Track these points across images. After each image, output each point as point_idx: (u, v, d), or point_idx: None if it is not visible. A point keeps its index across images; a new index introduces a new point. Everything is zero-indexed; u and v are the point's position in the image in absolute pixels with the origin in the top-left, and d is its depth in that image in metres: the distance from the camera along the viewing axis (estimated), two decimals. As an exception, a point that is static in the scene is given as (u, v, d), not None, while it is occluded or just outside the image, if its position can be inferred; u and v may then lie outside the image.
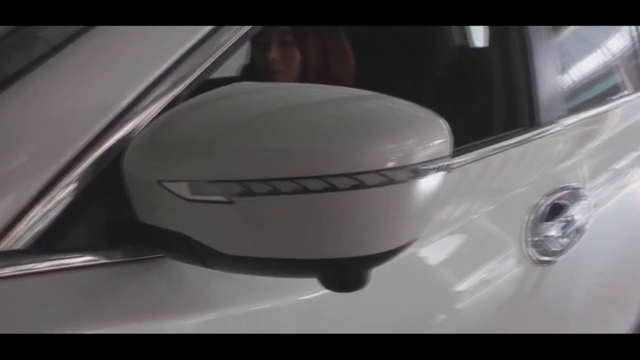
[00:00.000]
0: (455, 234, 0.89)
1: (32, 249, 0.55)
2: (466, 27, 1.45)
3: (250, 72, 1.36)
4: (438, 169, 0.49)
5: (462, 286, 0.89)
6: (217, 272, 0.55)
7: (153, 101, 0.61)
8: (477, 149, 0.96)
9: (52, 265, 0.55)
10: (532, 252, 1.00)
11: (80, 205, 0.58)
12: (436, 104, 0.59)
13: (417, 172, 0.47)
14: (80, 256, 0.57)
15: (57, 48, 0.60)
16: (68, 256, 0.56)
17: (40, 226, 0.56)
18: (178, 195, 0.51)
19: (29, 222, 0.55)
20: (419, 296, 0.82)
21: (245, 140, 0.48)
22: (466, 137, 0.94)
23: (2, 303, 0.52)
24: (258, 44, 1.23)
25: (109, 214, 0.59)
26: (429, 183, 0.49)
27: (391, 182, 0.46)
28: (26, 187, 0.55)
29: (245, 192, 0.48)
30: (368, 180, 0.46)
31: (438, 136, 0.50)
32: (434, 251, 0.85)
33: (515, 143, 1.05)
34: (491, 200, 0.97)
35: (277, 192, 0.47)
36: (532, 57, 1.12)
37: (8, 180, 0.54)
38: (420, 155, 0.48)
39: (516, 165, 1.06)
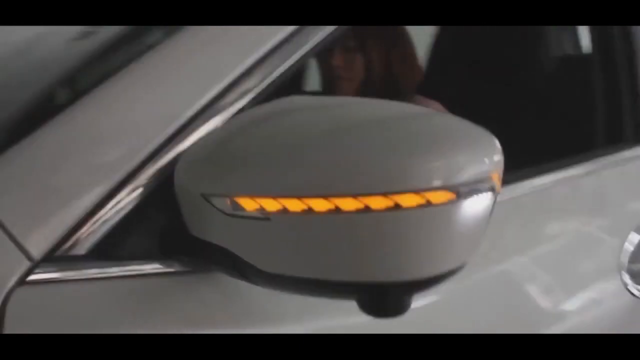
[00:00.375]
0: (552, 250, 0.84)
1: (92, 255, 0.57)
2: (565, 32, 1.36)
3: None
4: (484, 191, 0.45)
5: (556, 306, 0.84)
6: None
7: (213, 114, 0.62)
8: (576, 164, 0.90)
9: (109, 272, 0.57)
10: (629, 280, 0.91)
11: (139, 214, 0.59)
12: (534, 116, 0.55)
13: (459, 193, 0.44)
14: (137, 264, 0.59)
15: (129, 60, 0.63)
16: (125, 264, 0.58)
17: (100, 233, 0.58)
18: (220, 210, 0.51)
19: (90, 228, 0.58)
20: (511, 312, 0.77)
21: (281, 157, 0.47)
22: (565, 150, 0.89)
23: (61, 305, 0.55)
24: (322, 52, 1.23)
25: (166, 225, 0.60)
26: (473, 206, 0.45)
27: (429, 204, 0.43)
28: (90, 194, 0.58)
29: (281, 210, 0.47)
30: (404, 201, 0.43)
31: (485, 156, 0.46)
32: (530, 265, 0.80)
33: (619, 161, 0.96)
34: (590, 219, 0.90)
35: (311, 211, 0.45)
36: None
37: (74, 185, 0.57)
38: (462, 176, 0.44)
39: (620, 183, 0.97)
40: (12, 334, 0.52)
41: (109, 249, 0.58)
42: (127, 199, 0.59)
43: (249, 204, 0.48)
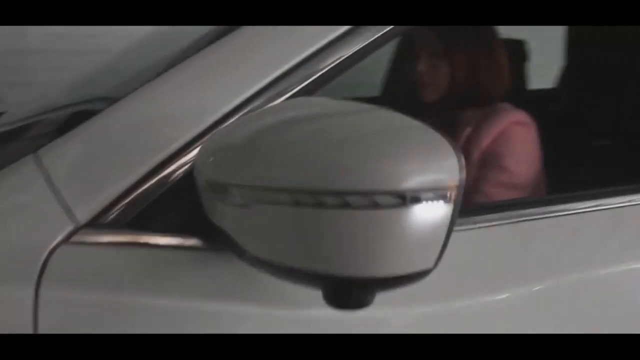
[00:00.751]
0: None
1: (128, 224, 0.66)
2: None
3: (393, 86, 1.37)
4: (437, 199, 0.46)
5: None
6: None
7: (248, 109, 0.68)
8: None
9: (140, 241, 0.66)
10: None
11: (173, 193, 0.67)
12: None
13: (407, 199, 0.46)
14: (164, 237, 0.67)
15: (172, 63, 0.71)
16: (155, 235, 0.67)
17: (138, 206, 0.67)
18: (216, 196, 0.57)
19: (130, 201, 0.66)
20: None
21: (258, 153, 0.52)
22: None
23: (95, 266, 0.64)
24: (406, 57, 1.23)
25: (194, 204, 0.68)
26: (425, 213, 0.46)
27: (376, 206, 0.46)
28: (134, 171, 0.67)
29: (255, 199, 0.52)
30: (354, 202, 0.46)
31: (438, 164, 0.47)
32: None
33: None
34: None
35: (278, 202, 0.50)
36: None
37: (121, 163, 0.66)
38: (410, 182, 0.46)
39: None
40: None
41: (144, 221, 0.67)
42: (165, 179, 0.67)
43: (235, 192, 0.54)
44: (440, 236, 0.48)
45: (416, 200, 0.46)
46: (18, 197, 0.65)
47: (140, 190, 0.67)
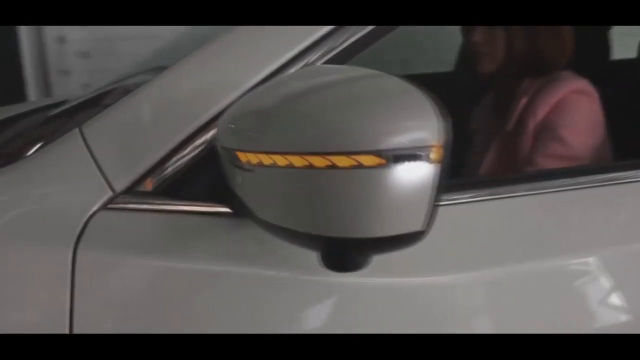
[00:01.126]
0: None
1: (162, 192, 0.71)
2: None
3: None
4: (419, 160, 0.46)
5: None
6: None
7: None
8: None
9: (172, 208, 0.70)
10: None
11: (204, 163, 0.71)
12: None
13: (389, 158, 0.46)
14: (193, 204, 0.71)
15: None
16: (185, 202, 0.71)
17: (171, 175, 0.71)
18: (230, 161, 0.60)
19: (164, 170, 0.71)
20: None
21: (261, 119, 0.54)
22: None
23: (130, 230, 0.69)
24: (464, 27, 1.19)
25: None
26: (408, 173, 0.47)
27: (360, 166, 0.46)
28: (166, 143, 0.71)
29: (258, 164, 0.54)
30: (339, 162, 0.47)
31: (422, 124, 0.47)
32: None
33: None
34: None
35: (275, 165, 0.52)
36: None
37: (156, 135, 0.71)
38: (392, 141, 0.46)
39: None
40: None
41: (177, 189, 0.71)
42: (195, 150, 0.71)
43: (243, 157, 0.56)
44: (425, 196, 0.48)
45: (397, 159, 0.46)
46: (64, 167, 0.71)
47: (172, 161, 0.71)
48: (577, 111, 1.08)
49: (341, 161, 0.47)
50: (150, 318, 0.67)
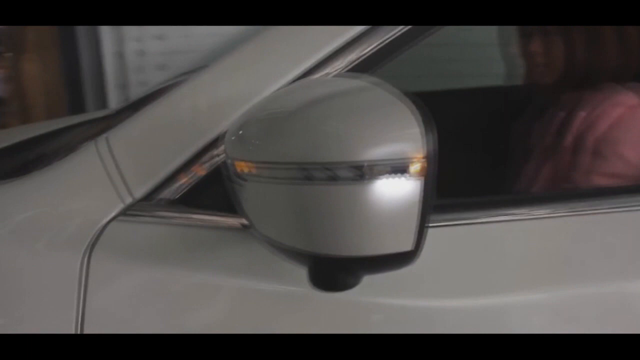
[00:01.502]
0: None
1: (179, 201, 0.71)
2: None
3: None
4: (399, 173, 0.43)
5: None
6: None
7: None
8: None
9: (187, 218, 0.71)
10: None
11: (215, 175, 0.71)
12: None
13: (364, 171, 0.43)
14: (209, 215, 0.71)
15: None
16: (203, 212, 0.71)
17: (188, 185, 0.72)
18: (224, 172, 0.59)
19: (181, 180, 0.72)
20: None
21: (257, 130, 0.53)
22: None
23: (144, 237, 0.70)
24: (520, 35, 1.12)
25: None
26: (389, 188, 0.43)
27: (336, 179, 0.44)
28: (184, 153, 0.72)
29: (248, 173, 0.53)
30: (316, 174, 0.45)
31: (403, 137, 0.43)
32: None
33: None
34: None
35: (259, 176, 0.50)
36: None
37: (174, 146, 0.72)
38: (369, 153, 0.43)
39: None
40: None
41: (195, 197, 0.72)
42: (213, 159, 0.71)
43: (239, 167, 0.55)
44: (412, 213, 0.45)
45: (375, 172, 0.43)
46: (87, 173, 0.73)
47: (191, 170, 0.72)
48: (638, 127, 0.99)
49: (317, 174, 0.45)
50: (159, 327, 0.67)
